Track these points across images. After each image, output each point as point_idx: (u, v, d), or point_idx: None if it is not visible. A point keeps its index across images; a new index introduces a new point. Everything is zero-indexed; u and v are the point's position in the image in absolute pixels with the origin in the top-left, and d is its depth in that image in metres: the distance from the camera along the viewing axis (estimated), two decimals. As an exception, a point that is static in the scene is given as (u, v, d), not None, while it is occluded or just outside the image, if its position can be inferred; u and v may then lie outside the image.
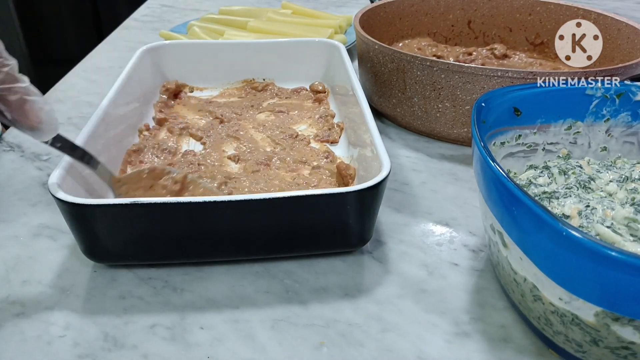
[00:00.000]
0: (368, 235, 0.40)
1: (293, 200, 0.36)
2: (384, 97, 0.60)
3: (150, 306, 0.37)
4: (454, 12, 0.77)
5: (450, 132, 0.56)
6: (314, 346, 0.34)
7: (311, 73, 0.67)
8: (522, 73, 0.49)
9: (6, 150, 0.57)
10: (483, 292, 0.38)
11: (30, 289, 0.38)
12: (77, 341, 0.34)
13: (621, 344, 0.28)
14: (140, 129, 0.55)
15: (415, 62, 0.54)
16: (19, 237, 0.44)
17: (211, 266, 0.40)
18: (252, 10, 0.95)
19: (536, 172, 0.39)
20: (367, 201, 0.37)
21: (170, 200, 0.36)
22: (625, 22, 0.61)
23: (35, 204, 0.48)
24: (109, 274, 0.40)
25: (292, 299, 0.38)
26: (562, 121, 0.41)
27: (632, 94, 0.40)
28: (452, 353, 0.34)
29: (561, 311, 0.29)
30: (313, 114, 0.60)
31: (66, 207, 0.35)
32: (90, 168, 0.40)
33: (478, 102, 0.37)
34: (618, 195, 0.35)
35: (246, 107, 0.62)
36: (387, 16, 0.73)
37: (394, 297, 0.38)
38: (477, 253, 0.42)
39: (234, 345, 0.34)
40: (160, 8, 1.11)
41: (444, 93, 0.54)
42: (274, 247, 0.40)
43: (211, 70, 0.67)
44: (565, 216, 0.33)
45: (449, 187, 0.51)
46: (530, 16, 0.73)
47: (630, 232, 0.31)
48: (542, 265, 0.29)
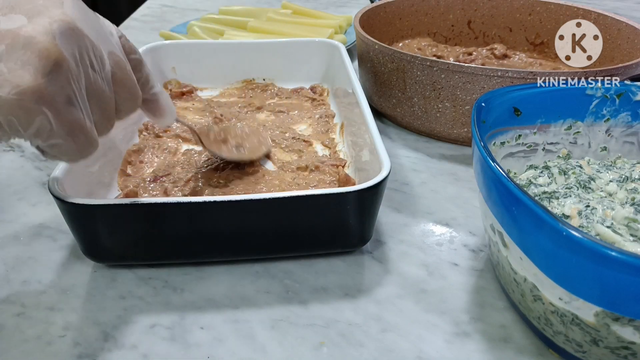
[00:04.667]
0: (368, 235, 0.40)
1: (293, 200, 0.36)
2: (384, 97, 0.60)
3: (150, 306, 0.37)
4: (454, 12, 0.77)
5: (450, 132, 0.56)
6: (314, 346, 0.34)
7: (311, 73, 0.67)
8: (522, 73, 0.49)
9: (6, 150, 0.57)
10: (483, 292, 0.38)
11: (30, 289, 0.38)
12: (77, 341, 0.34)
13: (621, 344, 0.28)
14: (140, 129, 0.55)
15: (415, 62, 0.54)
16: (19, 237, 0.44)
17: (211, 266, 0.40)
18: (252, 10, 0.95)
19: (536, 172, 0.39)
20: (367, 201, 0.37)
21: (170, 200, 0.36)
22: (625, 22, 0.61)
23: (35, 204, 0.48)
24: (109, 274, 0.40)
25: (292, 299, 0.38)
26: (562, 121, 0.41)
27: (632, 94, 0.40)
28: (452, 353, 0.34)
29: (561, 311, 0.29)
30: (313, 114, 0.60)
31: (66, 207, 0.35)
32: (195, 136, 0.47)
33: (478, 102, 0.37)
34: (618, 195, 0.35)
35: (246, 107, 0.62)
36: (387, 16, 0.73)
37: (394, 297, 0.38)
38: (477, 253, 0.42)
39: (234, 345, 0.34)
40: (160, 8, 1.11)
41: (444, 93, 0.54)
42: (274, 247, 0.40)
43: (211, 70, 0.67)
44: (565, 216, 0.33)
45: (449, 187, 0.51)
46: (530, 16, 0.73)
47: (630, 232, 0.31)
48: (542, 265, 0.29)
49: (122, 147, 0.51)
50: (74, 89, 0.27)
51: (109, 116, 0.32)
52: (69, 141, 0.28)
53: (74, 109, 0.28)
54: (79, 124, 0.28)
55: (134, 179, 0.47)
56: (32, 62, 0.25)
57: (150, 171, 0.49)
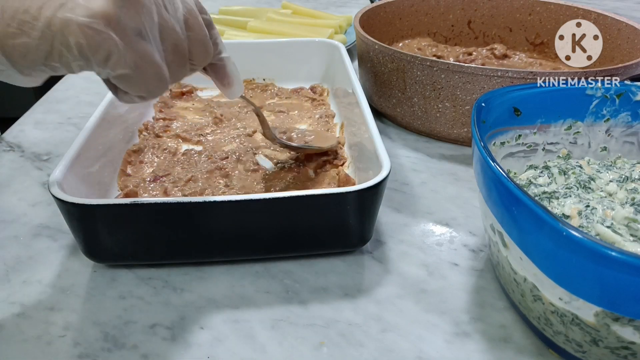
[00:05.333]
0: (368, 235, 0.40)
1: (293, 200, 0.36)
2: (384, 97, 0.60)
3: (150, 306, 0.37)
4: (454, 12, 0.77)
5: (450, 132, 0.56)
6: (314, 346, 0.34)
7: (311, 73, 0.67)
8: (522, 73, 0.49)
9: (6, 150, 0.57)
10: (483, 292, 0.38)
11: (30, 289, 0.38)
12: (77, 341, 0.34)
13: (621, 344, 0.28)
14: (140, 129, 0.55)
15: (415, 62, 0.54)
16: (19, 237, 0.44)
17: (211, 266, 0.40)
18: (252, 10, 0.95)
19: (536, 172, 0.39)
20: (367, 201, 0.37)
21: (170, 200, 0.36)
22: (625, 22, 0.61)
23: (35, 204, 0.48)
24: (109, 274, 0.40)
25: (292, 299, 0.38)
26: (562, 121, 0.41)
27: (632, 94, 0.40)
28: (452, 353, 0.34)
29: (561, 311, 0.29)
30: (313, 114, 0.60)
31: (66, 207, 0.35)
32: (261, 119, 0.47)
33: (478, 102, 0.37)
34: (618, 195, 0.35)
35: (246, 107, 0.62)
36: (387, 16, 0.73)
37: (394, 297, 0.38)
38: (477, 253, 0.42)
39: (234, 345, 0.34)
40: (160, 8, 1.11)
41: (444, 93, 0.54)
42: (274, 247, 0.40)
43: (211, 70, 0.66)
44: (565, 216, 0.33)
45: (449, 187, 0.51)
46: (530, 16, 0.73)
47: (630, 232, 0.31)
48: (542, 265, 0.29)
49: (122, 147, 0.51)
50: (144, 22, 0.28)
51: (182, 59, 0.32)
52: (137, 73, 0.28)
53: (144, 41, 0.28)
54: (148, 56, 0.28)
55: (134, 179, 0.47)
56: None
57: (150, 171, 0.49)
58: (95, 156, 0.44)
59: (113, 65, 0.28)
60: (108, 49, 0.27)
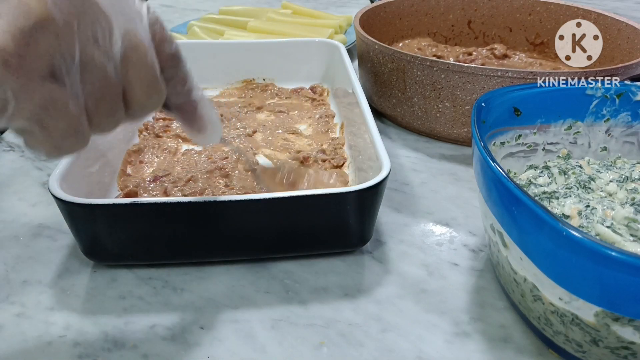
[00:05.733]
0: (368, 235, 0.40)
1: (293, 200, 0.36)
2: (384, 97, 0.60)
3: (150, 306, 0.37)
4: (454, 12, 0.77)
5: (450, 132, 0.56)
6: (314, 346, 0.34)
7: (311, 73, 0.67)
8: (522, 73, 0.49)
9: (6, 150, 0.57)
10: (483, 292, 0.38)
11: (30, 289, 0.38)
12: (77, 341, 0.34)
13: (621, 344, 0.28)
14: (140, 129, 0.55)
15: (415, 62, 0.54)
16: (19, 237, 0.44)
17: (211, 266, 0.40)
18: (252, 10, 0.95)
19: (536, 172, 0.39)
20: (367, 201, 0.37)
21: (170, 200, 0.36)
22: (625, 22, 0.61)
23: (35, 204, 0.48)
24: (109, 274, 0.40)
25: (292, 299, 0.38)
26: (562, 121, 0.41)
27: (632, 94, 0.40)
28: (452, 353, 0.34)
29: (561, 311, 0.29)
30: (313, 114, 0.60)
31: (66, 207, 0.35)
32: (247, 161, 0.44)
33: (478, 102, 0.37)
34: (618, 195, 0.35)
35: (246, 107, 0.62)
36: (387, 16, 0.73)
37: (394, 297, 0.38)
38: (477, 253, 0.42)
39: (234, 345, 0.34)
40: (160, 8, 1.11)
41: (444, 93, 0.54)
42: (274, 247, 0.40)
43: (211, 70, 0.67)
44: (565, 216, 0.33)
45: (449, 187, 0.51)
46: (530, 16, 0.73)
47: (630, 232, 0.31)
48: (542, 265, 0.29)
49: (122, 147, 0.51)
50: (57, 60, 0.22)
51: (111, 106, 0.25)
52: (41, 126, 0.22)
53: (54, 86, 0.22)
54: (57, 105, 0.22)
55: (134, 179, 0.47)
56: (6, 15, 0.20)
57: (150, 171, 0.49)
58: (95, 156, 0.44)
59: (9, 116, 0.21)
60: (2, 95, 0.20)
